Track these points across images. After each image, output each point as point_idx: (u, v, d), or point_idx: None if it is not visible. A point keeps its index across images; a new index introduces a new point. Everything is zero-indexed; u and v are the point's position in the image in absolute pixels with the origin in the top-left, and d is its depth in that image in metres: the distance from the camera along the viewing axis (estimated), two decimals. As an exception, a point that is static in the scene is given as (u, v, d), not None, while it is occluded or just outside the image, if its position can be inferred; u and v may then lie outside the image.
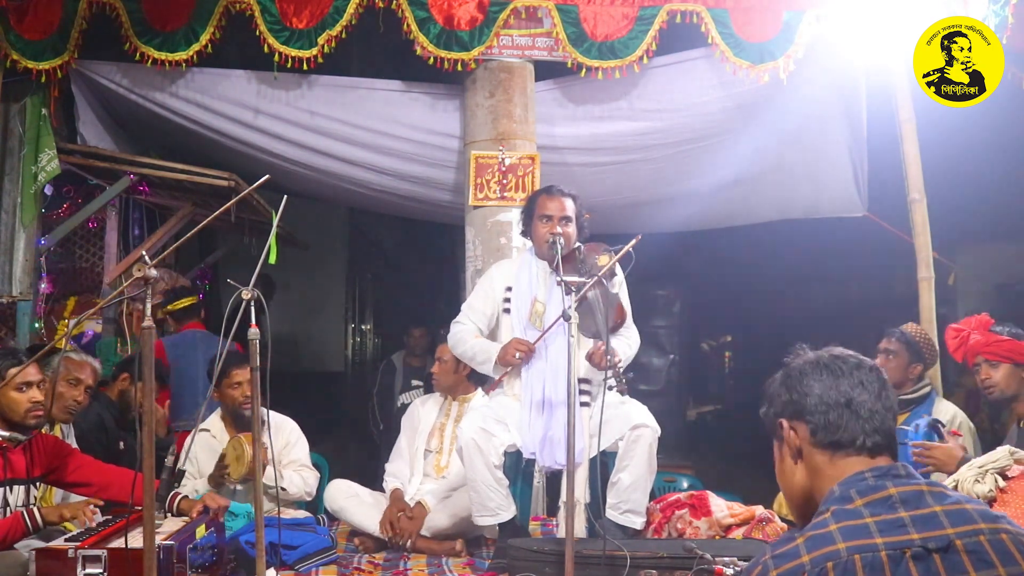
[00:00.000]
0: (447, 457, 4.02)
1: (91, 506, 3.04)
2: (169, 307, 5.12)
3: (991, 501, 2.69)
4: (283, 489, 3.84)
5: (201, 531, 3.01)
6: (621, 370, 3.33)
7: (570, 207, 3.63)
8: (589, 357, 3.43)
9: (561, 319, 3.42)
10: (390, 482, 4.00)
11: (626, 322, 3.67)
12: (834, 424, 1.38)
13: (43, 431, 3.27)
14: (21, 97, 4.52)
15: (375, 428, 6.34)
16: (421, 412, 4.17)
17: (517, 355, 3.51)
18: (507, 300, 3.71)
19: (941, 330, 4.37)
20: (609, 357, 3.29)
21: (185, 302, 5.17)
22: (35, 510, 2.99)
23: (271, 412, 4.21)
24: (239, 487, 3.98)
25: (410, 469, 4.06)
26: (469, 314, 3.79)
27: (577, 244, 3.61)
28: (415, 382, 6.24)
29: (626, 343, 3.64)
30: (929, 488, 1.30)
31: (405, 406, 6.10)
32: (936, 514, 1.26)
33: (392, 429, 6.14)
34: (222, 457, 3.84)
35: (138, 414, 2.37)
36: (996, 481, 2.73)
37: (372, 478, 4.64)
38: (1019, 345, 3.38)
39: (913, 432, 3.30)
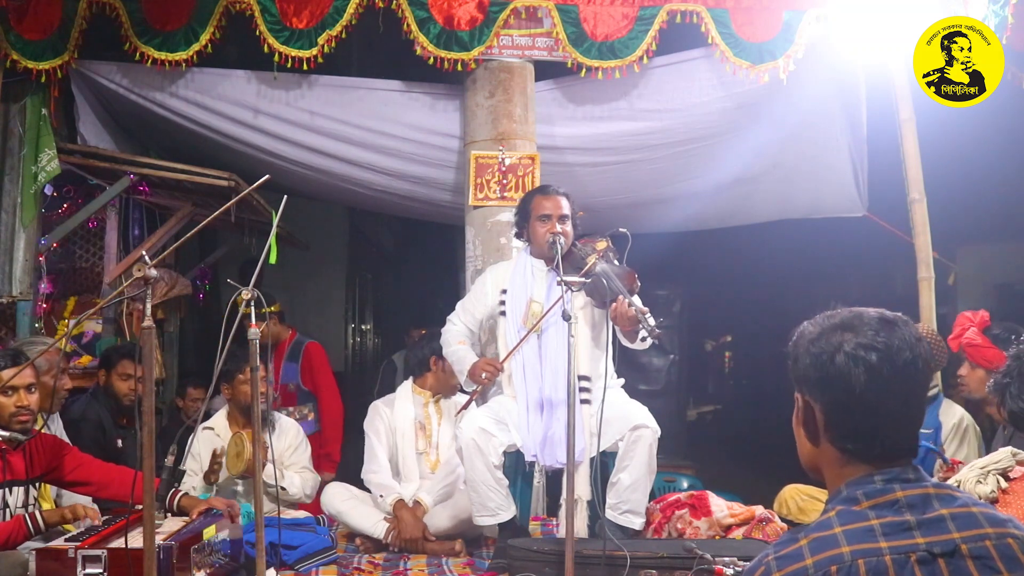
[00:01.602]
0: (435, 452, 4.01)
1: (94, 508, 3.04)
2: (273, 308, 4.98)
3: (993, 502, 2.69)
4: (283, 488, 3.85)
5: (210, 531, 3.01)
6: (650, 320, 3.29)
7: (566, 206, 3.66)
8: (614, 315, 3.35)
9: (549, 316, 3.44)
10: (388, 496, 3.83)
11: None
12: (851, 432, 1.30)
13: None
14: (21, 97, 4.51)
15: None
16: (392, 415, 4.04)
17: (484, 375, 3.56)
18: (502, 303, 3.72)
19: (941, 330, 4.38)
20: (635, 309, 3.26)
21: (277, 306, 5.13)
22: (37, 513, 2.97)
23: (277, 413, 4.24)
24: (240, 486, 3.99)
25: (399, 475, 3.99)
26: (461, 314, 3.85)
27: (574, 242, 3.63)
28: None
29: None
30: (936, 491, 1.27)
31: None
32: (943, 518, 1.24)
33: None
34: (214, 453, 3.86)
35: (138, 412, 2.37)
36: (998, 482, 2.72)
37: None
38: (1000, 358, 3.38)
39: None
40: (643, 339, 3.38)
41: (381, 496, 3.87)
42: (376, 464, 3.96)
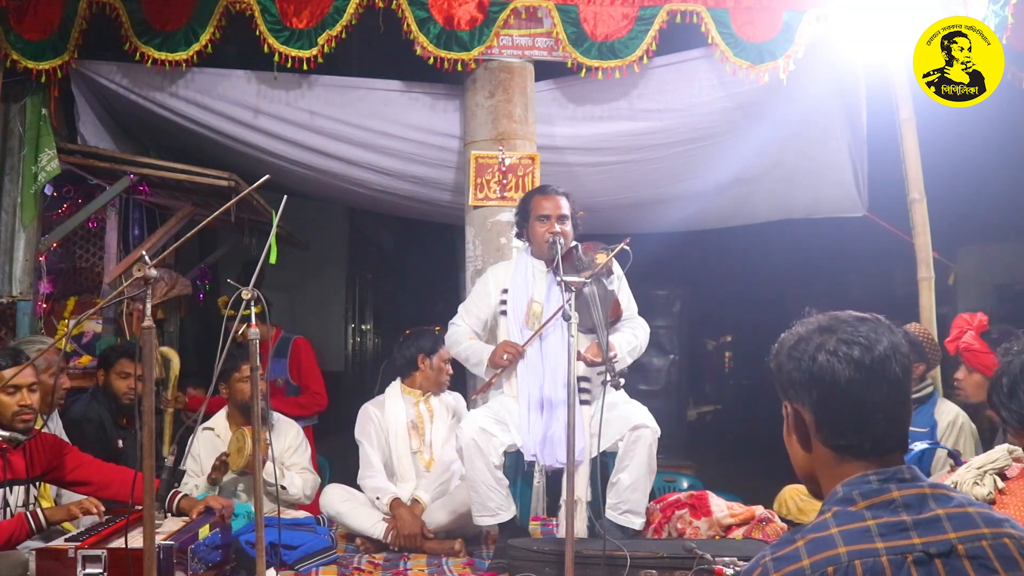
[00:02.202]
0: (429, 450, 4.01)
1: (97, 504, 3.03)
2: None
3: (990, 503, 2.68)
4: (283, 488, 3.85)
5: (204, 531, 3.01)
6: (616, 365, 3.31)
7: (565, 206, 3.66)
8: (582, 356, 3.36)
9: (557, 316, 3.44)
10: (384, 497, 3.83)
11: (627, 315, 3.66)
12: (841, 427, 1.31)
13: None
14: (21, 97, 4.51)
15: None
16: (383, 417, 4.02)
17: (505, 357, 3.55)
18: (503, 303, 3.72)
19: (941, 330, 4.38)
20: (606, 352, 3.26)
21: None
22: (39, 511, 2.98)
23: (276, 413, 4.23)
24: (240, 487, 3.99)
25: (394, 476, 3.98)
26: (464, 316, 3.84)
27: (574, 243, 3.62)
28: None
29: (631, 334, 3.63)
30: (932, 491, 1.28)
31: None
32: (939, 518, 1.24)
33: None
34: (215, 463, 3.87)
35: (138, 412, 2.37)
36: (995, 482, 2.72)
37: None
38: (995, 363, 3.37)
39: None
40: (603, 382, 3.32)
41: (377, 499, 3.87)
42: (371, 470, 3.96)
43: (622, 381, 3.27)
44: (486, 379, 3.69)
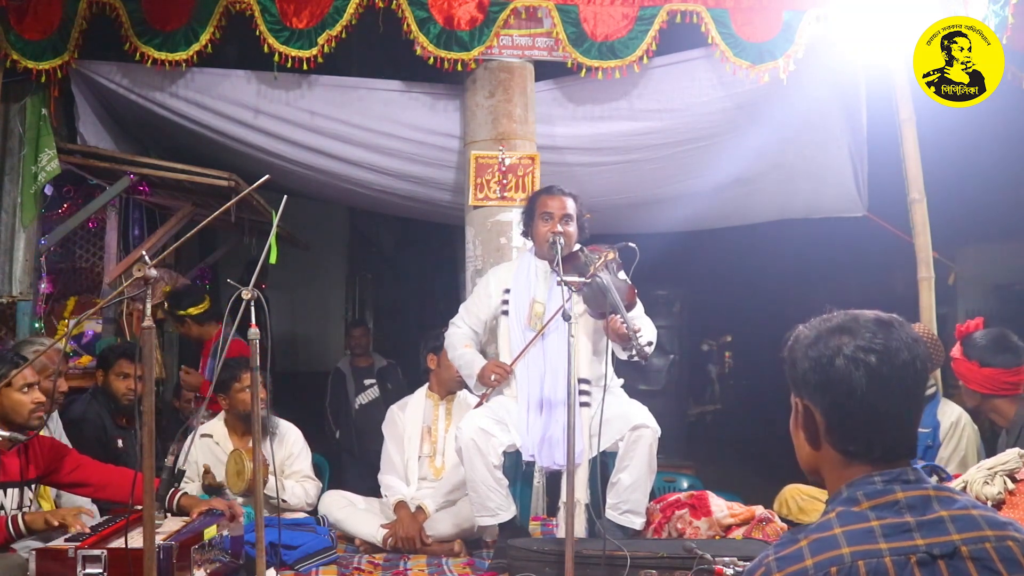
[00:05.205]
0: (441, 458, 4.02)
1: (81, 515, 2.96)
2: (191, 310, 4.98)
3: (1000, 503, 2.69)
4: (284, 500, 3.83)
5: (211, 532, 3.00)
6: (641, 340, 3.29)
7: (571, 206, 3.65)
8: (606, 328, 3.38)
9: (557, 318, 3.43)
10: (391, 496, 3.92)
11: (638, 308, 3.65)
12: (852, 434, 1.31)
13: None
14: (21, 97, 4.52)
15: (332, 438, 6.33)
16: (403, 418, 4.10)
17: (493, 378, 3.56)
18: (505, 303, 3.72)
19: (941, 330, 4.38)
20: (627, 328, 3.24)
21: (203, 306, 5.03)
22: (19, 517, 2.93)
23: (276, 419, 4.19)
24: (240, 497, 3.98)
25: (404, 477, 4.03)
26: (464, 316, 3.83)
27: (579, 246, 3.61)
28: (368, 381, 6.26)
29: (647, 320, 3.62)
30: (936, 493, 1.28)
31: (364, 407, 6.11)
32: (942, 520, 1.24)
33: (352, 435, 6.11)
34: (207, 470, 3.84)
35: (138, 412, 2.37)
36: (1005, 483, 2.72)
37: (367, 479, 4.62)
38: (967, 368, 3.36)
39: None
40: (631, 357, 3.38)
41: (385, 496, 3.94)
42: (389, 466, 4.06)
43: (648, 350, 3.29)
44: (476, 394, 3.72)
